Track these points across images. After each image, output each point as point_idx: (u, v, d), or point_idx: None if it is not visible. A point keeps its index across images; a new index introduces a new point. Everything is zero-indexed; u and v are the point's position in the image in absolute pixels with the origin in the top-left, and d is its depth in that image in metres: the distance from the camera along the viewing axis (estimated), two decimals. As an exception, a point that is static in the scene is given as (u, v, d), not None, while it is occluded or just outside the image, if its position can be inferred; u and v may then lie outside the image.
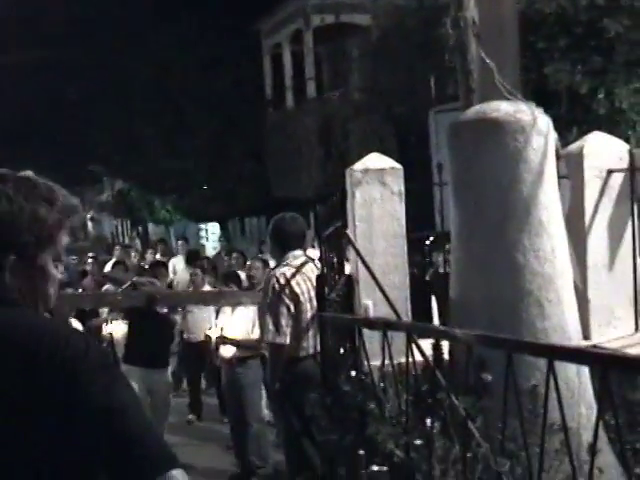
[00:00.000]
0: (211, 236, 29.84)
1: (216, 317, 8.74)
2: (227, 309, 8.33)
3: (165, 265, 9.87)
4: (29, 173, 2.07)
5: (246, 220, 26.96)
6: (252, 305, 7.65)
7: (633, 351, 4.59)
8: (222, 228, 27.39)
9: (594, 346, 4.82)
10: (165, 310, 8.06)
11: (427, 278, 10.11)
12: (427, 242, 11.58)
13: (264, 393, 8.21)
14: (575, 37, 11.41)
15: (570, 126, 9.90)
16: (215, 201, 23.36)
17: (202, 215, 25.89)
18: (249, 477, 7.82)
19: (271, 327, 5.55)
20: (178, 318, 8.64)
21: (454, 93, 14.11)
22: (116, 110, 23.99)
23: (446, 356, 4.48)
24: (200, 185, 23.87)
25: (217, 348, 8.29)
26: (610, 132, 6.00)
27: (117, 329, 11.69)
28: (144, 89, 23.31)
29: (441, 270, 10.16)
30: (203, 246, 28.21)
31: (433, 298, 8.83)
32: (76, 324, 7.42)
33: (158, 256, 16.15)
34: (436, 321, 7.99)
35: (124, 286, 8.92)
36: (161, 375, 8.04)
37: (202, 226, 29.86)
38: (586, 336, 5.23)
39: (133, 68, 23.18)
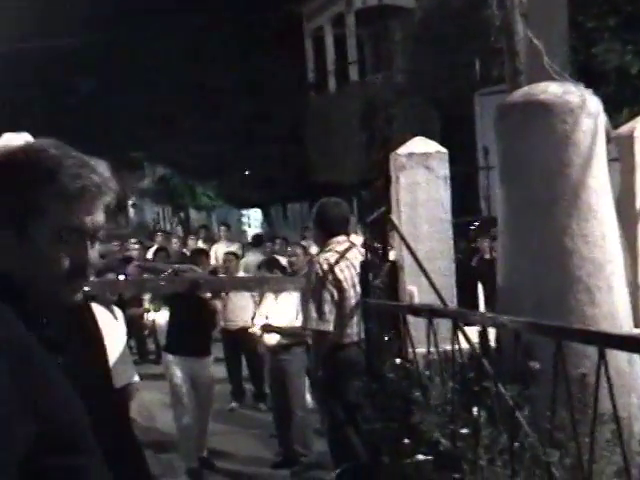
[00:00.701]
0: (253, 222, 29.88)
1: (257, 305, 8.70)
2: (270, 296, 8.29)
3: (206, 252, 9.87)
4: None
5: (288, 206, 26.94)
6: (295, 291, 7.61)
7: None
8: (264, 214, 27.40)
9: (644, 334, 4.70)
10: (209, 295, 8.02)
11: (473, 264, 10.01)
12: (472, 227, 11.50)
13: (307, 381, 8.17)
14: (625, 16, 11.19)
15: (620, 107, 9.70)
16: (257, 186, 23.37)
17: (244, 201, 25.93)
18: (292, 465, 7.78)
19: (314, 314, 5.49)
20: (219, 305, 8.62)
21: (500, 75, 13.96)
22: (155, 94, 24.05)
23: (493, 344, 4.41)
24: (241, 170, 23.88)
25: (261, 336, 8.26)
26: (661, 113, 5.84)
27: (159, 318, 11.77)
28: (184, 72, 23.34)
29: (487, 256, 10.09)
30: (245, 232, 28.27)
31: (479, 285, 8.73)
32: (118, 312, 7.43)
33: (200, 242, 16.17)
34: (482, 308, 7.89)
35: (165, 273, 8.92)
36: (204, 364, 8.01)
37: (244, 212, 29.90)
38: (637, 324, 5.10)
39: (172, 51, 23.21)
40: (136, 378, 7.22)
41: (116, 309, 7.48)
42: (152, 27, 22.61)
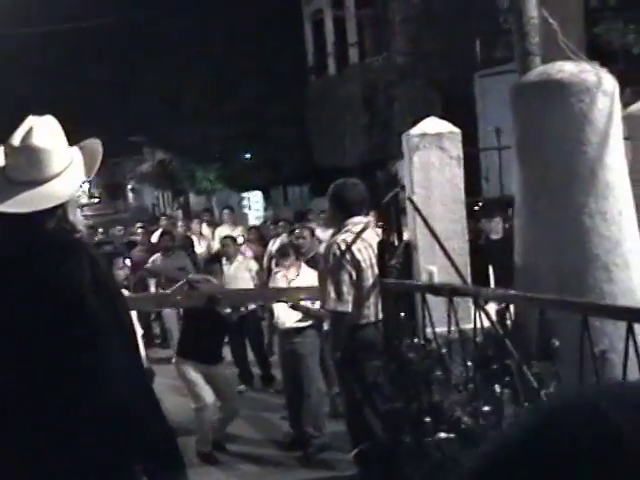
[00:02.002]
0: (253, 205, 29.83)
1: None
2: (282, 280, 8.24)
3: (220, 261, 9.78)
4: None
5: (289, 188, 26.91)
6: (316, 300, 7.57)
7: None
8: (265, 197, 27.36)
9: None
10: (228, 310, 8.07)
11: (480, 243, 10.02)
12: (476, 208, 11.50)
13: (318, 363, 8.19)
14: (628, -4, 11.19)
15: (623, 86, 9.70)
16: (258, 170, 23.35)
17: (245, 184, 25.87)
18: (303, 446, 7.81)
19: (333, 295, 5.49)
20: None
21: (501, 56, 13.98)
22: (157, 77, 24.01)
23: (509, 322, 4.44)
24: (243, 154, 23.86)
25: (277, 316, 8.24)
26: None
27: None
28: (184, 56, 23.29)
29: (493, 236, 10.11)
30: (246, 215, 28.24)
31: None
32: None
33: (204, 226, 16.17)
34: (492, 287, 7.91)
35: (179, 284, 8.87)
36: (216, 369, 8.03)
37: (244, 195, 29.85)
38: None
39: (173, 35, 23.16)
40: (147, 363, 7.28)
41: (126, 293, 7.53)
42: (153, 12, 22.55)
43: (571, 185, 4.47)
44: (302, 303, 7.67)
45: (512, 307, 4.45)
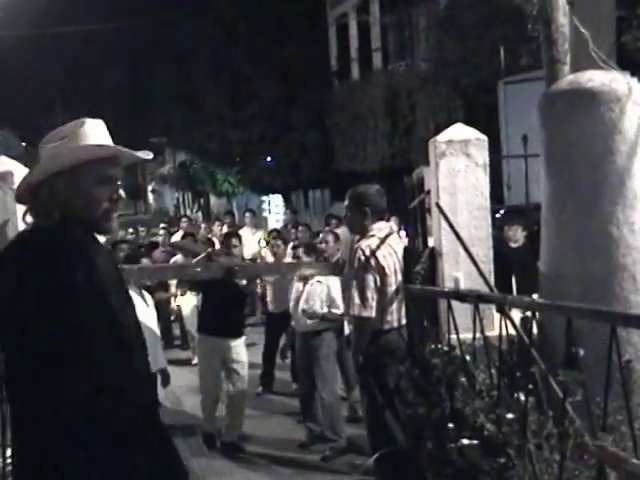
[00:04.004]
0: (274, 208, 29.86)
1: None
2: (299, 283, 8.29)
3: (238, 235, 9.83)
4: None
5: (309, 193, 26.91)
6: (328, 276, 7.64)
7: None
8: (286, 200, 27.38)
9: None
10: (244, 282, 8.05)
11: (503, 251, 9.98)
12: (497, 216, 11.48)
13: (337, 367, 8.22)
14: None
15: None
16: (279, 173, 23.35)
17: (265, 187, 25.87)
18: (319, 445, 7.85)
19: (357, 300, 5.48)
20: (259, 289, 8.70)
21: (526, 64, 13.94)
22: (179, 78, 24.09)
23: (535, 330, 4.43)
24: (264, 156, 23.88)
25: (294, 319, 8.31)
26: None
27: (185, 303, 11.83)
28: (207, 57, 23.35)
29: (513, 244, 10.08)
30: (266, 218, 28.28)
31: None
32: (148, 297, 7.49)
33: (225, 229, 16.19)
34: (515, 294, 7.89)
35: (199, 257, 8.97)
36: (235, 344, 8.05)
37: (265, 198, 29.88)
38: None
39: (197, 35, 23.22)
40: (165, 364, 7.31)
41: (146, 294, 7.54)
42: (179, 14, 22.64)
43: (599, 194, 4.47)
44: (316, 310, 7.76)
45: (537, 315, 4.44)
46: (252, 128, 22.61)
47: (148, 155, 2.87)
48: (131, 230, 18.47)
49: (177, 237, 14.69)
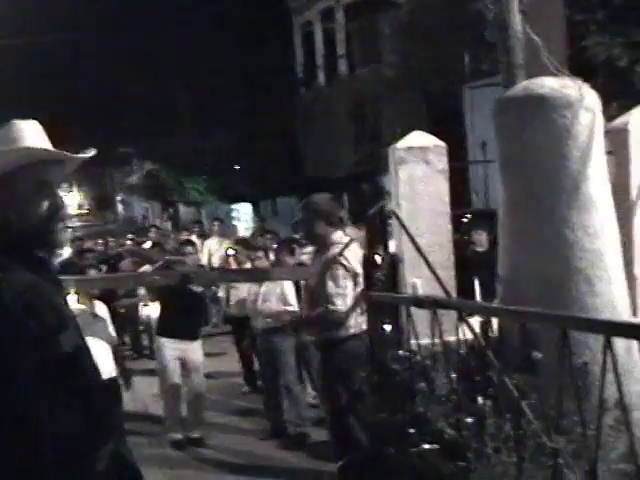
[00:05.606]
0: (243, 216, 29.86)
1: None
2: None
3: (192, 242, 10.14)
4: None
5: (278, 200, 26.94)
6: (281, 280, 8.08)
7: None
8: (254, 209, 27.39)
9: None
10: (200, 288, 8.51)
11: (467, 256, 10.05)
12: (464, 220, 11.56)
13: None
14: (613, 9, 11.25)
15: (609, 100, 9.76)
16: (247, 181, 23.38)
17: (234, 196, 25.90)
18: (283, 436, 8.18)
19: (322, 305, 5.48)
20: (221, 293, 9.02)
21: (489, 69, 14.05)
22: (148, 88, 24.03)
23: (493, 334, 4.48)
24: (232, 165, 23.88)
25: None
26: (651, 106, 5.89)
27: (154, 312, 11.84)
28: (176, 67, 23.32)
29: (479, 249, 10.15)
30: (235, 226, 28.26)
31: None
32: (100, 305, 7.57)
33: (194, 238, 16.15)
34: (478, 300, 7.94)
35: (157, 265, 9.18)
36: (192, 346, 8.42)
37: (233, 207, 29.87)
38: (634, 313, 5.19)
39: (165, 45, 23.18)
40: (114, 373, 7.34)
41: (98, 303, 7.62)
42: (145, 25, 22.59)
43: (554, 199, 4.52)
44: (272, 308, 8.29)
45: (496, 319, 4.49)
46: (220, 137, 22.61)
47: (90, 152, 2.61)
48: (100, 241, 18.40)
49: (146, 247, 14.64)
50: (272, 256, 9.98)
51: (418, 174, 5.60)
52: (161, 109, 24.33)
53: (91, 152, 2.61)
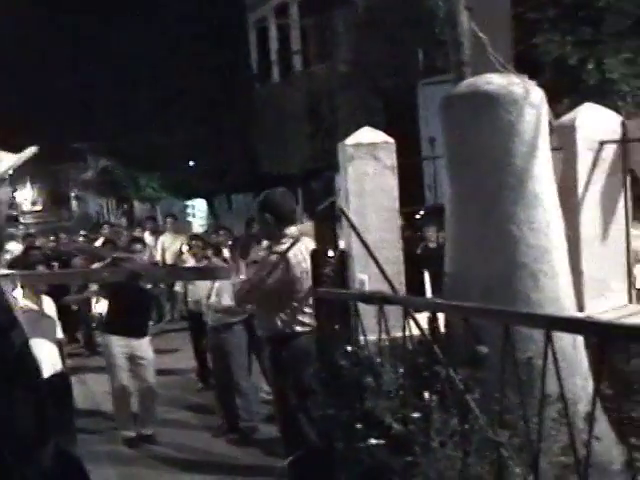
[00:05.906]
0: (198, 213, 29.76)
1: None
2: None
3: (141, 240, 10.24)
4: None
5: (233, 196, 26.89)
6: (228, 279, 8.01)
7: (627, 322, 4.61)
8: (209, 205, 27.30)
9: (588, 318, 4.84)
10: (149, 285, 8.67)
11: (418, 252, 10.12)
12: (417, 217, 11.63)
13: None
14: (564, 7, 11.38)
15: (559, 97, 9.88)
16: (202, 178, 23.30)
17: (189, 192, 25.81)
18: (235, 433, 8.26)
19: (269, 305, 5.51)
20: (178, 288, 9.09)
21: (443, 65, 14.12)
22: (104, 83, 23.87)
23: (441, 330, 4.50)
24: (187, 162, 23.78)
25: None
26: (600, 103, 5.97)
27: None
28: (132, 65, 23.17)
29: (431, 245, 10.22)
30: (190, 223, 28.14)
31: (425, 273, 8.84)
32: (48, 301, 7.51)
33: (147, 234, 16.07)
34: (429, 295, 8.00)
35: (105, 262, 9.19)
36: (140, 342, 8.46)
37: (189, 203, 29.76)
38: (580, 308, 5.26)
39: (120, 43, 23.03)
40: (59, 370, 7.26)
41: (46, 299, 7.55)
42: (101, 22, 22.44)
43: (499, 195, 4.56)
44: (224, 304, 8.27)
45: (443, 315, 4.51)
46: (175, 132, 22.50)
47: (32, 149, 2.57)
48: (52, 237, 18.22)
49: (98, 244, 14.53)
50: (226, 253, 9.99)
51: (367, 170, 5.60)
52: (116, 106, 24.16)
53: (32, 150, 2.56)
